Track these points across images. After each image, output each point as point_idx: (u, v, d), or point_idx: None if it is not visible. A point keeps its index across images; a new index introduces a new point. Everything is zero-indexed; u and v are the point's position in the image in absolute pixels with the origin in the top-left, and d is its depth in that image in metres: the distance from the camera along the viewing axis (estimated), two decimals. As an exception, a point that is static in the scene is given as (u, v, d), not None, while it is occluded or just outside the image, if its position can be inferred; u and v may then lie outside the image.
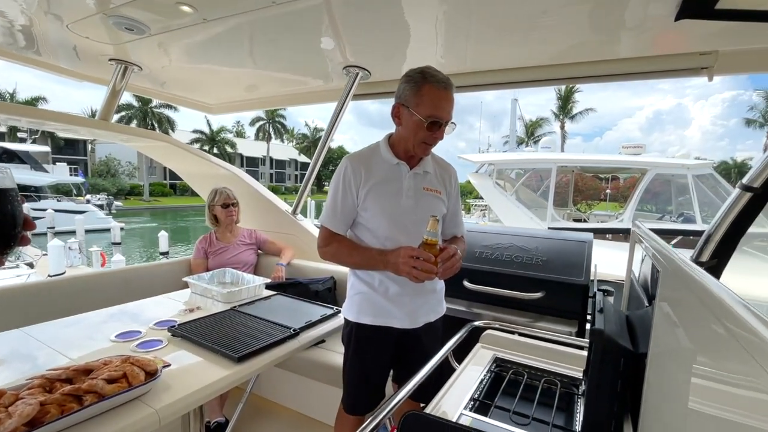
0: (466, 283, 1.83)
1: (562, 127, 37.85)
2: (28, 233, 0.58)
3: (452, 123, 1.30)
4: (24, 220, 0.57)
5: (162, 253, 9.85)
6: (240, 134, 49.96)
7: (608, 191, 25.61)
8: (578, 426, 1.01)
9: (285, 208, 2.83)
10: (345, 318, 1.46)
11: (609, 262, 2.12)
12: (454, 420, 1.00)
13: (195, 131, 37.47)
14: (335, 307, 1.67)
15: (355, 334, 1.42)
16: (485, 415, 1.04)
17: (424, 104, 1.24)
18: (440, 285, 1.50)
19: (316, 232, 2.78)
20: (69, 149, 33.31)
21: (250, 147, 44.92)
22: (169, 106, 32.81)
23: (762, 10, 1.13)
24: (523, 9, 1.43)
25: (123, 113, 31.84)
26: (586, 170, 14.24)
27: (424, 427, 0.88)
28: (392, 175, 1.35)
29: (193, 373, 1.12)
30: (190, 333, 1.32)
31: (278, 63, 2.17)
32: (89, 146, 34.84)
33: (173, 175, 38.65)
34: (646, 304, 1.20)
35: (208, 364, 1.18)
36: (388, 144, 1.38)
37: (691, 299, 0.51)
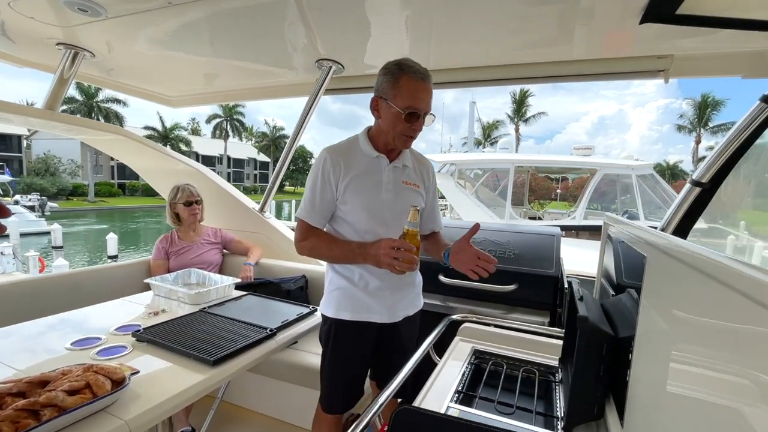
0: (442, 278, 1.84)
1: (517, 130, 39.52)
2: (3, 221, 0.51)
3: (431, 114, 1.30)
4: None
5: (110, 257, 9.23)
6: (195, 132, 47.77)
7: (558, 191, 27.15)
8: (559, 412, 1.03)
9: (252, 205, 2.72)
10: (323, 315, 1.42)
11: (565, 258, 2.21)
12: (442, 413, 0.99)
13: (146, 128, 35.32)
14: (311, 306, 1.63)
15: (335, 331, 1.39)
16: (470, 406, 1.05)
17: (401, 96, 1.23)
18: (418, 279, 1.51)
19: (285, 230, 2.70)
20: (0, 145, 30.36)
21: (206, 145, 43.07)
22: (118, 101, 30.74)
23: (718, 17, 1.22)
24: (493, 9, 1.45)
25: (65, 107, 29.45)
26: (541, 170, 14.93)
27: (417, 422, 0.86)
28: (372, 168, 1.34)
29: (164, 380, 1.04)
30: (157, 337, 1.23)
31: (247, 54, 2.07)
32: (24, 142, 31.92)
33: (122, 174, 36.40)
34: (612, 293, 1.26)
35: (181, 369, 1.10)
36: (368, 137, 1.36)
37: (691, 274, 0.53)
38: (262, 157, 49.92)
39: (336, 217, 1.37)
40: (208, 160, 42.08)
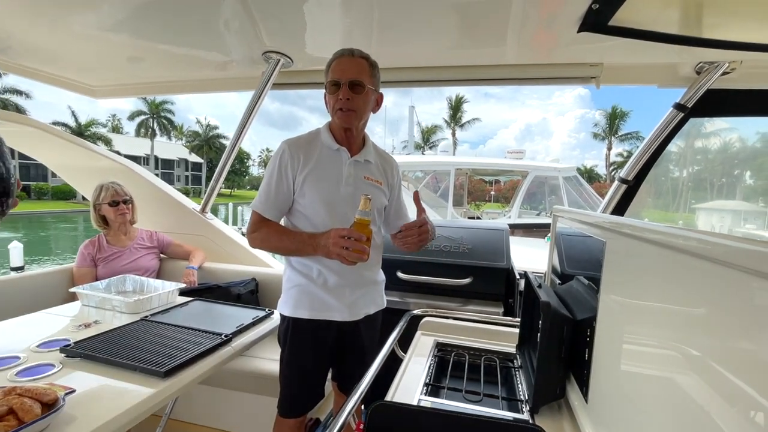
0: (400, 274, 1.85)
1: (453, 134, 41.31)
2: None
3: (371, 89, 1.28)
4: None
5: (14, 269, 8.05)
6: (116, 129, 43.60)
7: (492, 192, 28.91)
8: (522, 395, 1.08)
9: (192, 206, 2.53)
10: (281, 314, 1.36)
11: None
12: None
13: (56, 123, 31.41)
14: (267, 309, 1.55)
15: (292, 330, 1.33)
16: (440, 397, 1.06)
17: (328, 75, 1.27)
18: (381, 277, 1.49)
19: (230, 232, 2.55)
20: None
21: (129, 144, 39.31)
22: (19, 92, 27.06)
23: (644, 30, 1.37)
24: (434, 9, 1.48)
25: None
26: (478, 173, 15.69)
27: (394, 416, 0.85)
28: (332, 161, 1.31)
29: (106, 398, 0.92)
30: (92, 351, 1.08)
31: (183, 39, 1.90)
32: None
33: (25, 175, 32.04)
34: (558, 282, 1.36)
35: (125, 384, 0.98)
36: (329, 129, 1.33)
37: (654, 250, 0.58)
38: (194, 158, 46.82)
39: (294, 211, 1.32)
40: (133, 161, 38.41)
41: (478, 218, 13.46)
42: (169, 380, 1.01)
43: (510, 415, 0.97)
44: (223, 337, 1.25)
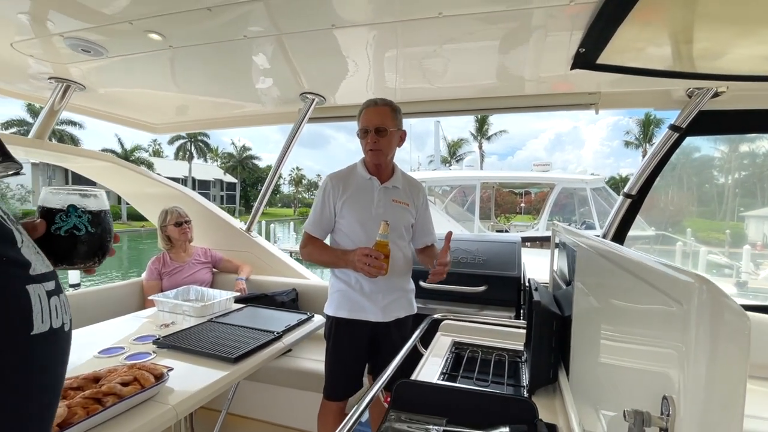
0: (422, 283, 2.08)
1: (480, 147, 41.11)
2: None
3: (394, 130, 1.56)
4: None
5: (72, 285, 8.79)
6: (157, 153, 46.38)
7: (523, 205, 28.38)
8: (525, 382, 1.28)
9: (239, 225, 2.87)
10: (326, 314, 1.64)
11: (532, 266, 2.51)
12: (431, 388, 1.21)
13: (105, 150, 33.89)
14: (308, 312, 1.81)
15: (335, 327, 1.60)
16: (454, 382, 1.28)
17: (359, 123, 1.57)
18: (411, 286, 1.73)
19: (272, 248, 2.86)
20: (-63, 171, 28.06)
21: (169, 167, 41.68)
22: (73, 123, 29.52)
23: (629, 66, 1.57)
24: (447, 57, 1.74)
25: (14, 129, 27.86)
26: (504, 186, 15.65)
27: (414, 391, 1.08)
28: (365, 188, 1.59)
29: (192, 376, 1.20)
30: (178, 343, 1.38)
31: (238, 90, 2.27)
32: (-35, 167, 29.69)
33: (77, 199, 34.44)
34: (564, 286, 1.55)
35: (204, 368, 1.26)
36: (363, 163, 1.61)
37: (602, 262, 0.79)
38: (229, 178, 48.94)
39: (337, 230, 1.62)
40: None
41: (506, 231, 13.39)
42: (237, 365, 1.28)
43: (511, 394, 1.17)
44: (275, 334, 1.52)
